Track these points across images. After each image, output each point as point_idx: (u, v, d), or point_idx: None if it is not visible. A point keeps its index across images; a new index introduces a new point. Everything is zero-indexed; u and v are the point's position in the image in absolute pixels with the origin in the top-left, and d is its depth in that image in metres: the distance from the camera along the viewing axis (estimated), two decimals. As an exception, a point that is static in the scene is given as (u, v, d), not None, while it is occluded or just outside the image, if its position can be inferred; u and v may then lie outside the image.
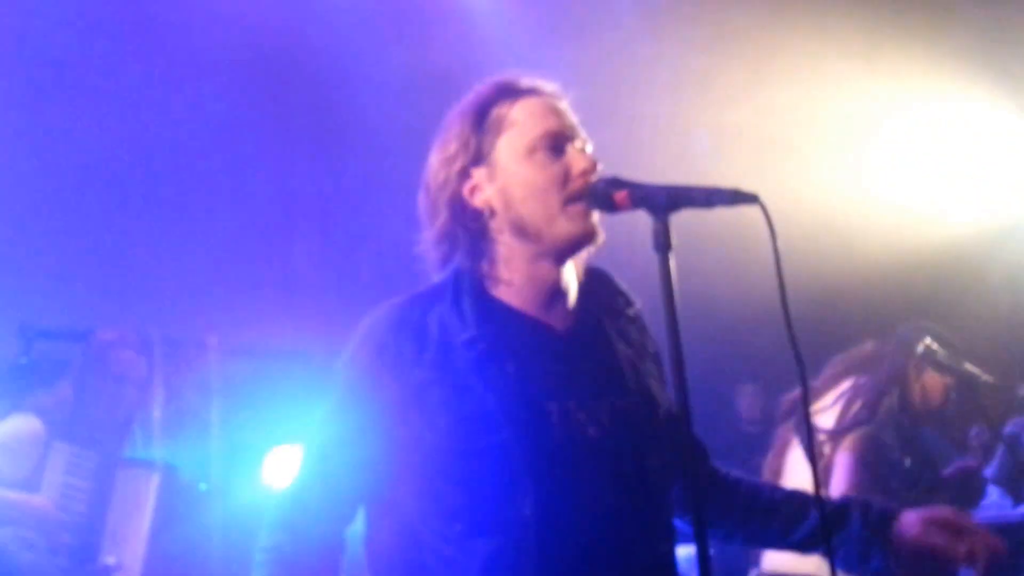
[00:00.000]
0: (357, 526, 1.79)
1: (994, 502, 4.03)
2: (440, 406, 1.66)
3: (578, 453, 1.66)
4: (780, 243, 1.57)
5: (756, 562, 3.48)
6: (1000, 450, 4.25)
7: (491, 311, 1.72)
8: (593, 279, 1.84)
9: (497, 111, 1.76)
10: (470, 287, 1.73)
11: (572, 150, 1.74)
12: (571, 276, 1.77)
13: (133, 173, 4.87)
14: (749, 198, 1.57)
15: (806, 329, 1.69)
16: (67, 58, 4.74)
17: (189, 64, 4.88)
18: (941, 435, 4.90)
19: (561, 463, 1.65)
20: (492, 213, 1.74)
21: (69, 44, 4.70)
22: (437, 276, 1.79)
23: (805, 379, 1.68)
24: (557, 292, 1.75)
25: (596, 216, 1.72)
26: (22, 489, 3.61)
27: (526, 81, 1.80)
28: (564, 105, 1.80)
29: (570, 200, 1.70)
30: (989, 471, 4.31)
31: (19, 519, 3.47)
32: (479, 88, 1.81)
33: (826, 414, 3.29)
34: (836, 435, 3.23)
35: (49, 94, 4.79)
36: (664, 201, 1.59)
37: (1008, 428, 4.01)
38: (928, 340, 3.54)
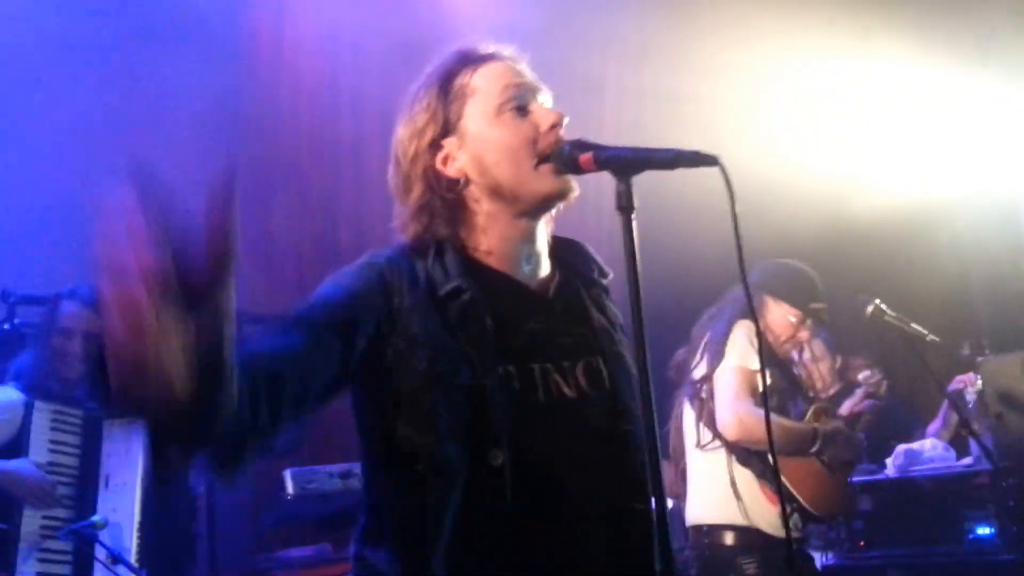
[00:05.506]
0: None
1: (939, 455, 4.08)
2: (419, 339, 1.58)
3: (555, 413, 1.63)
4: (726, 207, 1.53)
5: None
6: (944, 406, 4.30)
7: (474, 269, 1.67)
8: (567, 249, 1.81)
9: (460, 80, 1.71)
10: (452, 247, 1.68)
11: (537, 107, 1.71)
12: (544, 239, 1.74)
13: (119, 140, 4.77)
14: (709, 160, 1.54)
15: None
16: (54, 34, 4.64)
17: (166, 34, 4.78)
18: (910, 404, 4.96)
19: (538, 421, 1.60)
20: (467, 181, 1.69)
21: (51, 19, 4.59)
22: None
23: (760, 335, 1.67)
24: (532, 252, 1.72)
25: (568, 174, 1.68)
26: (8, 456, 3.53)
27: (484, 47, 1.75)
28: (523, 66, 1.76)
29: (542, 159, 1.66)
30: (933, 426, 4.37)
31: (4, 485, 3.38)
32: (439, 59, 1.76)
33: (699, 367, 3.42)
34: (708, 378, 3.34)
35: (42, 68, 4.68)
36: (628, 162, 1.56)
37: (952, 386, 4.06)
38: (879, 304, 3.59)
